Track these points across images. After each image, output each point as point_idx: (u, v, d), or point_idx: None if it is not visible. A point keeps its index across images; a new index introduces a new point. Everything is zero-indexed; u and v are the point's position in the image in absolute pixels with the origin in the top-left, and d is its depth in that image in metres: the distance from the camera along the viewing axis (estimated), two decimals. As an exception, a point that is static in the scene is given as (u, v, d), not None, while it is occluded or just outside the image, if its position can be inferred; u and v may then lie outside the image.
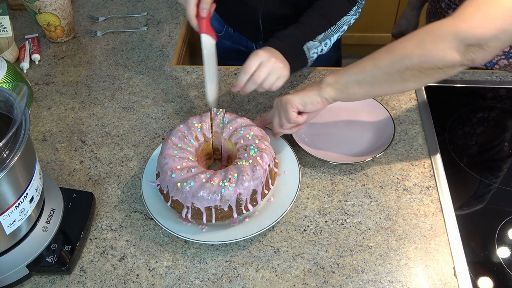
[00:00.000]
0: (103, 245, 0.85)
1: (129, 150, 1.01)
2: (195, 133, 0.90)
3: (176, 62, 1.25)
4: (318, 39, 1.01)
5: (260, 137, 0.88)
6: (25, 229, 0.78)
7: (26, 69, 1.23)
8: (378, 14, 2.33)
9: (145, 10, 1.42)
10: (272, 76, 0.93)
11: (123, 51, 1.28)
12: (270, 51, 0.94)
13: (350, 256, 0.82)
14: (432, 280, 0.78)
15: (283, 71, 0.93)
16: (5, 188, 0.69)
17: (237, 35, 1.28)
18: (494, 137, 1.02)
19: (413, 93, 1.10)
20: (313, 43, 1.00)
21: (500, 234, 0.84)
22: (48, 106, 1.13)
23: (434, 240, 0.83)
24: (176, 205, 0.83)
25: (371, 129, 1.01)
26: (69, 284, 0.80)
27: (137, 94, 1.14)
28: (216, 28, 1.31)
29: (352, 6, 1.05)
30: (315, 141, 0.99)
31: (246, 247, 0.84)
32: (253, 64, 0.91)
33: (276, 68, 0.92)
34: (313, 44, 1.01)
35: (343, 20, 1.04)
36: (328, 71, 1.16)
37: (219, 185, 0.79)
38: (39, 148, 1.03)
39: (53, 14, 1.25)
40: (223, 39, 1.31)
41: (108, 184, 0.95)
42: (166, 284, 0.80)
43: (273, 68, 0.92)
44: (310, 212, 0.88)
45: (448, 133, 1.02)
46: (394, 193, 0.91)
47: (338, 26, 1.04)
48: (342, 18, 1.04)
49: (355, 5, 1.05)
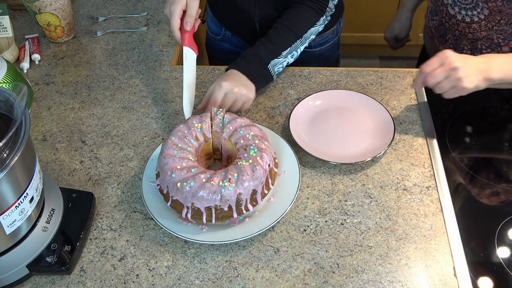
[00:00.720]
0: (103, 245, 0.85)
1: (129, 150, 1.01)
2: (195, 133, 0.90)
3: (176, 62, 1.25)
4: (283, 55, 1.05)
5: (260, 137, 0.88)
6: (25, 229, 0.78)
7: (26, 69, 1.23)
8: (378, 14, 2.33)
9: (145, 10, 1.42)
10: (238, 103, 0.99)
11: (123, 51, 1.28)
12: (232, 78, 0.99)
13: (350, 256, 0.82)
14: (432, 280, 0.78)
15: (248, 95, 0.99)
16: (5, 188, 0.69)
17: (235, 38, 1.28)
18: (494, 137, 1.02)
19: (413, 93, 1.10)
20: (278, 60, 1.05)
21: (500, 234, 0.84)
22: (48, 106, 1.13)
23: (434, 240, 0.83)
24: (176, 205, 0.83)
25: (371, 129, 1.01)
26: (69, 284, 0.80)
27: (137, 94, 1.14)
28: (214, 31, 1.32)
29: (320, 17, 1.08)
30: (315, 141, 0.99)
31: (246, 247, 0.84)
32: (218, 96, 0.97)
33: (239, 95, 0.98)
34: (278, 60, 1.05)
35: (310, 31, 1.07)
36: (328, 71, 1.16)
37: (219, 185, 0.79)
38: (39, 148, 1.03)
39: (53, 14, 1.25)
40: (221, 42, 1.32)
41: (108, 184, 0.95)
42: (166, 284, 0.80)
43: (237, 96, 0.98)
44: (310, 212, 0.88)
45: (448, 133, 1.02)
46: (394, 193, 0.91)
47: (305, 38, 1.07)
48: (309, 30, 1.07)
49: (323, 15, 1.08)
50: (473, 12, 1.06)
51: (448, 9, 1.13)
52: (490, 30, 1.06)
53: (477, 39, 1.10)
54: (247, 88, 0.99)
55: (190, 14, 0.97)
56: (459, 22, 1.11)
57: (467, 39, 1.12)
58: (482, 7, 1.04)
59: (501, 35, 1.06)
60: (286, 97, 1.10)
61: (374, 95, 1.09)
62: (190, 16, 0.97)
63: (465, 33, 1.12)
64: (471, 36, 1.11)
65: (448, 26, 1.15)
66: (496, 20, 1.04)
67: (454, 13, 1.11)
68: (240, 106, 1.00)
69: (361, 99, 1.05)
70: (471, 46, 1.13)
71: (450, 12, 1.12)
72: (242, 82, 1.00)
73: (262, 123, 1.04)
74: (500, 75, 0.92)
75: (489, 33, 1.07)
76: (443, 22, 1.17)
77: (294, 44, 1.06)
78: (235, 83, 0.98)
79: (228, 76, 0.99)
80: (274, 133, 0.97)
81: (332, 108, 1.06)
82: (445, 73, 0.90)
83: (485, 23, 1.06)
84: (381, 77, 1.14)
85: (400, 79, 1.14)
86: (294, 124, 1.00)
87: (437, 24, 1.20)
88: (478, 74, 0.91)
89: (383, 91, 1.11)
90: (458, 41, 1.15)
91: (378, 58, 2.69)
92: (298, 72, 1.16)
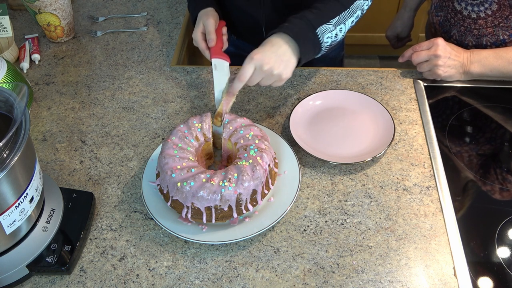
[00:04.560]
0: (103, 245, 0.85)
1: (129, 150, 1.01)
2: (195, 133, 0.90)
3: (176, 62, 1.25)
4: (332, 23, 0.95)
5: (260, 137, 0.88)
6: (25, 229, 0.78)
7: (26, 69, 1.23)
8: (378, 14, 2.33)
9: (145, 10, 1.42)
10: (266, 82, 0.92)
11: (123, 51, 1.28)
12: (268, 50, 0.90)
13: (350, 256, 0.82)
14: (432, 280, 0.78)
15: (280, 76, 0.91)
16: (5, 188, 0.69)
17: (240, 41, 1.28)
18: (494, 137, 1.02)
19: (413, 93, 1.10)
20: (327, 27, 0.94)
21: (500, 234, 0.84)
22: (48, 106, 1.13)
23: (434, 240, 0.83)
24: (176, 205, 0.83)
25: (371, 129, 1.01)
26: (69, 284, 0.80)
27: (137, 94, 1.14)
28: None
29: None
30: (315, 141, 0.99)
31: (246, 247, 0.84)
32: (247, 73, 0.89)
33: (269, 75, 0.90)
34: (327, 27, 0.94)
35: (356, 4, 0.98)
36: (328, 71, 1.16)
37: (219, 185, 0.79)
38: (39, 148, 1.03)
39: (53, 14, 1.25)
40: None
41: (108, 184, 0.95)
42: (166, 284, 0.80)
43: (267, 74, 0.90)
44: (310, 212, 0.88)
45: (448, 133, 1.02)
46: (394, 193, 0.91)
47: (352, 10, 0.98)
48: (355, 2, 0.98)
49: None
50: (480, 8, 1.07)
51: (455, 5, 1.13)
52: (496, 27, 1.07)
53: (483, 35, 1.11)
54: (282, 65, 0.90)
55: (208, 31, 1.02)
56: (465, 18, 1.12)
57: (472, 35, 1.12)
58: (491, 2, 1.05)
59: (507, 31, 1.07)
60: (286, 97, 1.11)
61: (374, 95, 1.09)
62: (209, 33, 1.02)
63: (470, 29, 1.12)
64: (476, 32, 1.11)
65: (453, 22, 1.16)
66: (504, 15, 1.04)
67: (460, 9, 1.12)
68: (268, 84, 0.93)
69: (361, 99, 1.05)
70: (476, 42, 1.13)
71: (456, 8, 1.13)
72: (279, 54, 0.90)
73: (262, 123, 1.04)
74: (479, 70, 1.05)
75: (495, 29, 1.08)
76: (448, 18, 1.17)
77: (342, 14, 0.96)
78: (270, 58, 0.88)
79: (263, 47, 0.90)
80: (274, 133, 0.97)
81: (332, 108, 1.06)
82: (427, 56, 1.05)
83: (492, 19, 1.07)
84: (381, 77, 1.14)
85: (400, 79, 1.14)
86: (294, 124, 1.00)
87: (442, 20, 1.20)
88: (458, 67, 1.06)
89: (383, 91, 1.11)
90: (463, 37, 1.15)
91: (378, 58, 2.69)
92: (298, 72, 1.16)
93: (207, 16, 1.04)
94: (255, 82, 0.91)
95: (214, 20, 1.04)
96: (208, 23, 1.03)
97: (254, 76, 0.90)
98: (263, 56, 0.89)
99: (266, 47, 0.90)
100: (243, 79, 0.89)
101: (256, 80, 0.91)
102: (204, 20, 1.04)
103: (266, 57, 0.89)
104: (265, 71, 0.89)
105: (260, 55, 0.89)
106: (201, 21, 1.04)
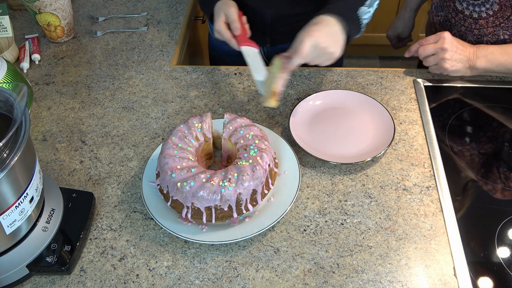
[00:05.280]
0: (103, 245, 0.85)
1: (129, 150, 1.01)
2: (195, 133, 0.90)
3: (176, 62, 1.25)
4: (367, 4, 0.99)
5: (260, 137, 0.88)
6: (25, 229, 0.78)
7: (26, 69, 1.23)
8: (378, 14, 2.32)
9: (145, 10, 1.42)
10: (319, 60, 0.92)
11: (123, 51, 1.28)
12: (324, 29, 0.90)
13: (350, 256, 0.82)
14: (432, 280, 0.78)
15: (333, 54, 0.91)
16: (5, 188, 0.69)
17: None
18: (494, 137, 1.02)
19: (413, 93, 1.10)
20: (364, 9, 0.98)
21: (500, 234, 0.84)
22: (48, 106, 1.13)
23: (434, 240, 0.83)
24: (176, 205, 0.83)
25: (371, 129, 1.01)
26: (69, 284, 0.80)
27: (137, 94, 1.14)
28: None
29: None
30: (315, 141, 0.99)
31: (246, 247, 0.84)
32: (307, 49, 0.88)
33: (324, 52, 0.90)
34: (364, 10, 0.98)
35: None
36: (328, 71, 1.16)
37: (219, 185, 0.79)
38: (39, 148, 1.03)
39: (53, 14, 1.25)
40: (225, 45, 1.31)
41: (108, 184, 0.95)
42: (166, 284, 0.80)
43: (323, 52, 0.90)
44: (310, 212, 0.88)
45: (448, 133, 1.02)
46: (394, 193, 0.91)
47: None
48: None
49: None
50: (481, 8, 1.07)
51: (456, 5, 1.13)
52: (497, 27, 1.07)
53: (483, 35, 1.11)
54: (335, 45, 0.91)
55: (232, 20, 1.03)
56: (466, 17, 1.12)
57: (472, 35, 1.13)
58: (492, 3, 1.05)
59: (507, 31, 1.07)
60: (286, 97, 1.11)
61: (374, 95, 1.09)
62: (233, 21, 1.03)
63: (471, 29, 1.12)
64: (477, 32, 1.11)
65: (454, 22, 1.16)
66: (506, 16, 1.05)
67: (462, 9, 1.12)
68: (319, 63, 0.93)
69: (361, 99, 1.05)
70: (476, 42, 1.13)
71: (457, 8, 1.13)
72: (332, 34, 0.91)
73: (262, 123, 1.04)
74: (484, 65, 1.05)
75: (496, 29, 1.08)
76: (449, 18, 1.17)
77: None
78: (326, 36, 0.90)
79: (319, 25, 0.90)
80: (274, 133, 0.97)
81: (332, 108, 1.06)
82: (434, 50, 1.04)
83: (493, 19, 1.07)
84: (381, 77, 1.14)
85: (400, 79, 1.14)
86: (294, 124, 1.00)
87: (443, 20, 1.20)
88: (464, 62, 1.05)
89: (383, 91, 1.11)
90: (464, 37, 1.15)
91: (378, 58, 2.69)
92: (298, 72, 1.16)
93: (227, 6, 1.04)
94: (309, 58, 0.91)
95: (235, 8, 1.04)
96: (230, 11, 1.03)
97: (310, 53, 0.90)
98: (321, 33, 0.89)
99: (322, 25, 0.90)
100: (303, 55, 0.89)
101: (310, 56, 0.90)
102: (225, 10, 1.03)
103: (323, 35, 0.89)
104: (321, 48, 0.89)
105: (318, 32, 0.89)
106: (222, 12, 1.04)
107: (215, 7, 1.07)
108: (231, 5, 1.04)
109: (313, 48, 0.89)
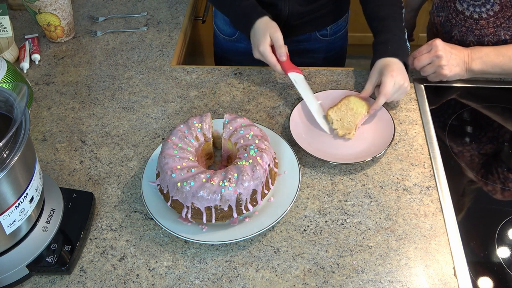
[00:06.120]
0: (103, 245, 0.85)
1: (129, 150, 1.01)
2: (195, 133, 0.90)
3: (176, 62, 1.25)
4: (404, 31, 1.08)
5: (260, 137, 0.88)
6: (25, 229, 0.78)
7: (26, 69, 1.23)
8: (378, 14, 2.33)
9: (145, 10, 1.42)
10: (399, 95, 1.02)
11: (123, 51, 1.28)
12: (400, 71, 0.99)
13: (350, 256, 0.82)
14: (432, 280, 0.78)
15: (407, 88, 1.01)
16: (5, 188, 0.69)
17: None
18: (494, 137, 1.02)
19: (413, 93, 1.10)
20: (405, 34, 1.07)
21: (500, 234, 0.84)
22: (48, 106, 1.13)
23: (434, 240, 0.83)
24: (176, 205, 0.83)
25: (371, 129, 1.01)
26: (69, 284, 0.80)
27: (137, 94, 1.14)
28: (227, 32, 1.31)
29: None
30: (315, 141, 0.99)
31: (246, 247, 0.84)
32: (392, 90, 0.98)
33: (403, 89, 1.00)
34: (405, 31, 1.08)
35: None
36: (328, 71, 1.16)
37: (219, 185, 0.79)
38: (39, 148, 1.03)
39: (53, 14, 1.25)
40: (236, 43, 1.31)
41: (108, 184, 0.95)
42: (166, 284, 0.80)
43: (402, 89, 1.00)
44: (310, 212, 0.88)
45: (448, 133, 1.02)
46: (394, 193, 0.91)
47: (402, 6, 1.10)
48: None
49: None
50: (482, 9, 1.07)
51: (456, 5, 1.13)
52: (498, 27, 1.07)
53: (484, 35, 1.11)
54: (406, 79, 1.00)
55: (279, 45, 1.04)
56: (466, 18, 1.12)
57: (473, 35, 1.12)
58: (493, 3, 1.05)
59: (509, 31, 1.07)
60: (286, 97, 1.11)
61: (374, 95, 1.09)
62: (280, 47, 1.04)
63: (472, 30, 1.12)
64: (478, 33, 1.11)
65: (455, 23, 1.16)
66: (506, 16, 1.05)
67: (462, 9, 1.12)
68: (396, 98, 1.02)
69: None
70: (477, 42, 1.13)
71: (458, 8, 1.13)
72: (401, 70, 1.00)
73: (262, 123, 1.04)
74: (480, 67, 1.05)
75: (497, 29, 1.08)
76: (449, 19, 1.17)
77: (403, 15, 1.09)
78: (401, 74, 0.99)
79: (398, 69, 1.00)
80: (274, 133, 0.97)
81: (332, 108, 1.06)
82: (429, 59, 1.04)
83: (494, 19, 1.07)
84: (381, 77, 1.14)
85: (400, 79, 1.13)
86: (294, 124, 1.00)
87: (443, 20, 1.20)
88: (461, 65, 1.05)
89: (383, 91, 1.11)
90: (464, 38, 1.15)
91: (378, 58, 2.69)
92: (298, 72, 1.16)
93: (274, 29, 1.04)
94: (392, 95, 0.99)
95: (280, 33, 1.04)
96: (277, 36, 1.04)
97: (393, 92, 0.99)
98: (398, 72, 0.99)
99: (394, 66, 1.00)
100: (388, 95, 0.98)
101: (393, 93, 0.99)
102: (272, 33, 1.04)
103: (400, 73, 0.99)
104: (400, 85, 0.99)
105: (396, 72, 0.99)
106: (268, 33, 1.04)
107: (255, 26, 1.07)
108: (277, 29, 1.05)
109: (394, 87, 0.98)
